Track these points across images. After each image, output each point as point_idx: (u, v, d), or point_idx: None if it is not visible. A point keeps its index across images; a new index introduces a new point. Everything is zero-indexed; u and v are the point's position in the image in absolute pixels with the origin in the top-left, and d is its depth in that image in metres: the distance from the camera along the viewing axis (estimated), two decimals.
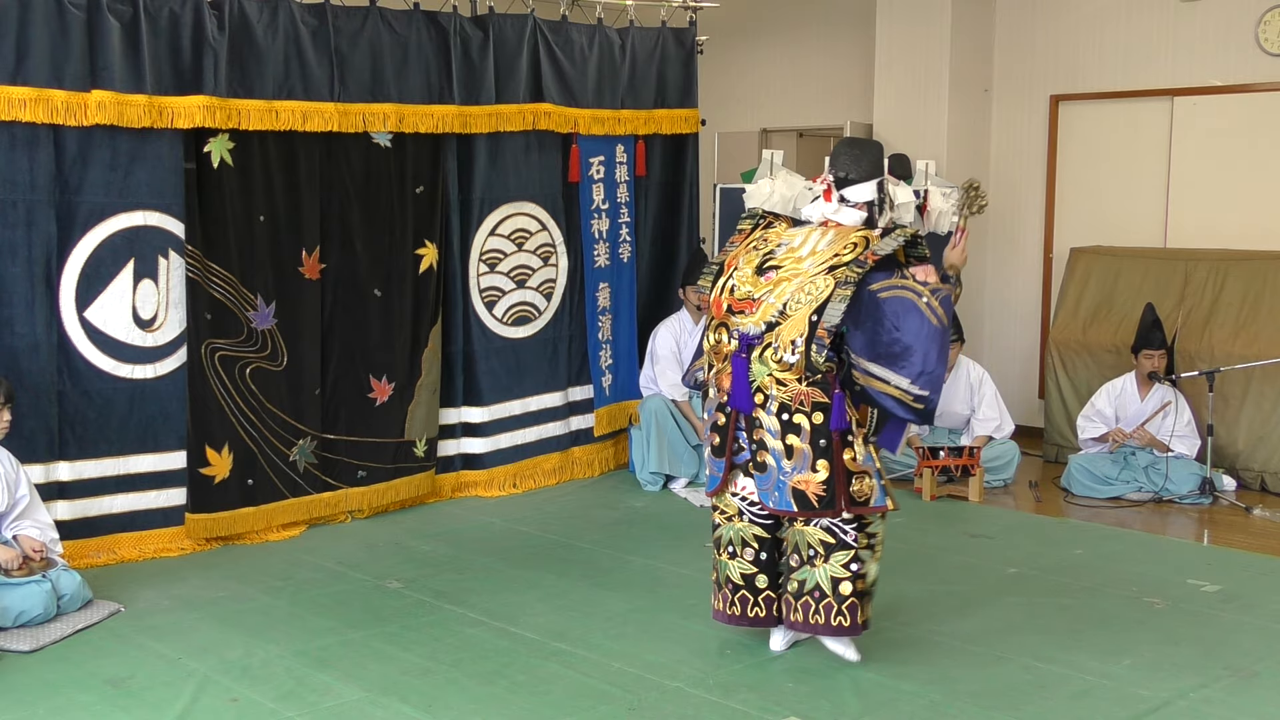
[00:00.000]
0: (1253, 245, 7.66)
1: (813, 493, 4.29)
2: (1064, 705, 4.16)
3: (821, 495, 4.29)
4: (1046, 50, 8.60)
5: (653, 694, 4.23)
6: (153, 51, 5.60)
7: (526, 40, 6.93)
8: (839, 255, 4.32)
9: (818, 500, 4.30)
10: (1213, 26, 7.90)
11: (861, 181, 4.53)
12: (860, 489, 4.32)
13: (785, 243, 4.50)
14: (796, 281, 4.32)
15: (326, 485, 6.34)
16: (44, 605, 4.77)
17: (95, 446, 5.66)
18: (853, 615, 4.39)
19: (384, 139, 6.43)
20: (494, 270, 7.01)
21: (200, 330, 5.81)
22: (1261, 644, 4.73)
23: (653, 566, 5.71)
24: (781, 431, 4.31)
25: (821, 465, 4.28)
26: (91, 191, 5.57)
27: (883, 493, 4.37)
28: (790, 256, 4.42)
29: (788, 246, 4.47)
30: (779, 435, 4.32)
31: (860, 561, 4.41)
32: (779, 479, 4.34)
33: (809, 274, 4.32)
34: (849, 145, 4.65)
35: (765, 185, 7.72)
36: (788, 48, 10.07)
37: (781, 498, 4.34)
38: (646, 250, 7.75)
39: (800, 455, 4.30)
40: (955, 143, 8.59)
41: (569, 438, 7.42)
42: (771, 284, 4.37)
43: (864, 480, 4.33)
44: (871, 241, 4.34)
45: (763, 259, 4.46)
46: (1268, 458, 7.18)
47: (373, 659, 4.53)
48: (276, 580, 5.46)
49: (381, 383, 6.53)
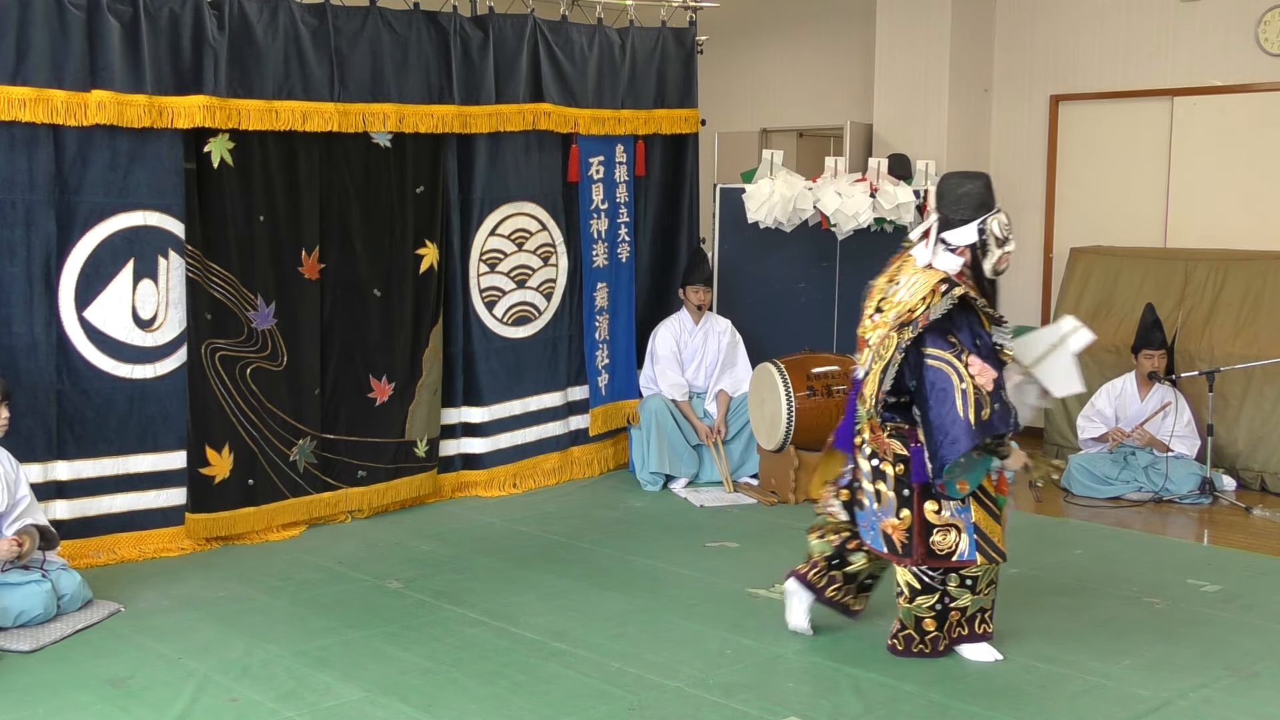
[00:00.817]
0: (1253, 245, 7.66)
1: (897, 539, 4.38)
2: (1064, 705, 4.16)
3: (905, 543, 4.37)
4: (1046, 50, 8.60)
5: (653, 694, 4.23)
6: (153, 51, 5.60)
7: (526, 40, 6.93)
8: (913, 310, 4.25)
9: (901, 547, 4.38)
10: (1213, 26, 7.90)
11: (963, 224, 4.32)
12: (941, 542, 4.33)
13: (899, 281, 4.43)
14: (878, 333, 4.34)
15: (326, 485, 6.34)
16: (44, 605, 4.77)
17: (94, 446, 5.66)
18: (934, 645, 4.50)
19: (384, 139, 6.43)
20: (494, 270, 7.01)
21: (200, 330, 5.81)
22: (1261, 644, 4.73)
23: (653, 566, 5.71)
24: (872, 476, 4.43)
25: (904, 514, 4.35)
26: (91, 191, 5.57)
27: (973, 547, 4.33)
28: (892, 300, 4.39)
29: (897, 287, 4.42)
30: (871, 479, 4.43)
31: (949, 598, 4.48)
32: (872, 519, 4.45)
33: (889, 326, 4.30)
34: (955, 182, 4.40)
35: (765, 185, 7.73)
36: (788, 47, 10.07)
37: (874, 537, 4.46)
38: (646, 250, 7.76)
39: (887, 501, 4.39)
40: (955, 143, 8.59)
41: (568, 437, 7.42)
42: (874, 328, 4.40)
43: (947, 534, 4.33)
44: (935, 298, 4.24)
45: (879, 299, 4.46)
46: (1268, 458, 7.18)
47: (373, 659, 4.53)
48: (277, 580, 5.46)
49: (382, 383, 6.53)
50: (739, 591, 5.31)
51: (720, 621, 4.93)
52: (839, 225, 7.77)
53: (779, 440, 6.79)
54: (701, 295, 7.37)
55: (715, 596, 5.25)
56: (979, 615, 4.53)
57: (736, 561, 5.79)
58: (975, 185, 4.36)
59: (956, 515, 4.33)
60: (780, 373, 6.79)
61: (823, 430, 6.79)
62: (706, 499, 6.94)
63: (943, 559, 4.35)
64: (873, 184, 7.76)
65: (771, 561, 5.75)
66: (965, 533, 4.33)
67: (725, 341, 7.41)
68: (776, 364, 6.87)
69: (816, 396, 6.78)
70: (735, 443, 7.33)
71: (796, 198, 7.69)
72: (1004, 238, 4.31)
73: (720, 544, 6.07)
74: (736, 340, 7.48)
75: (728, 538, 6.17)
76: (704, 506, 6.82)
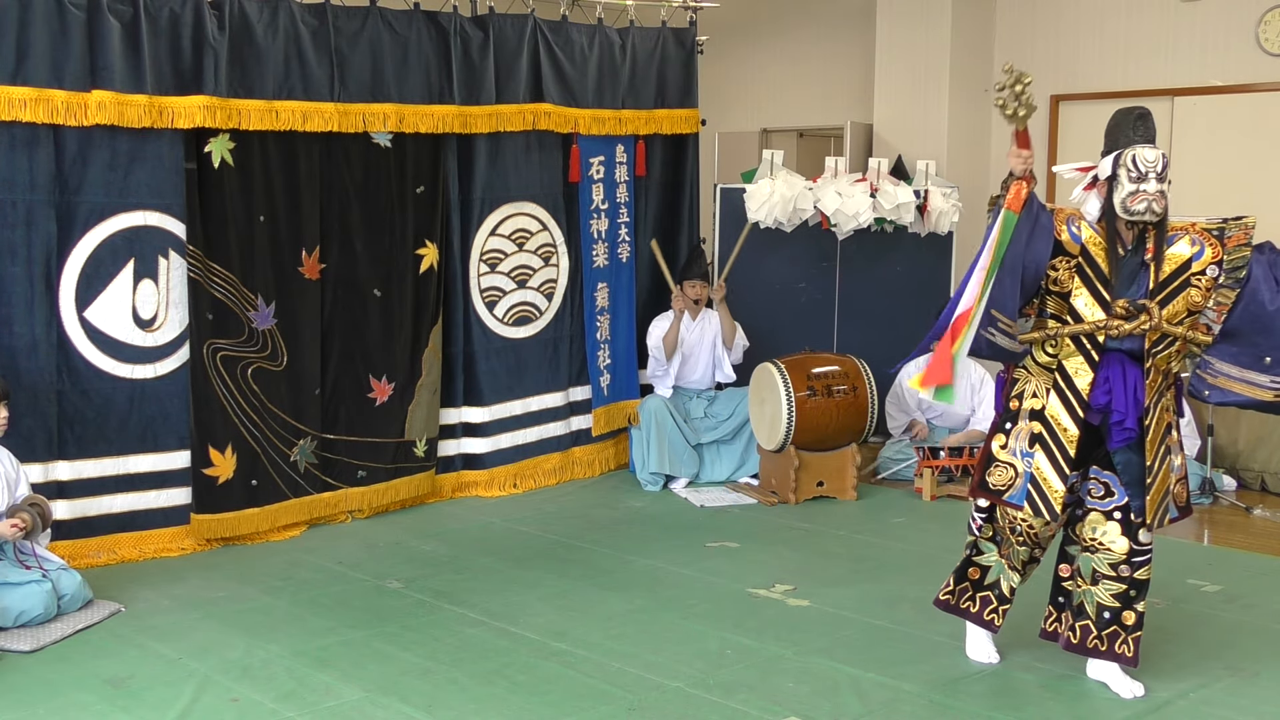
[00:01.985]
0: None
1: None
2: (1065, 705, 4.15)
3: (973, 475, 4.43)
4: (1046, 50, 8.60)
5: (653, 694, 4.23)
6: (153, 51, 5.60)
7: (527, 40, 6.93)
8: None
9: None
10: (1213, 26, 7.90)
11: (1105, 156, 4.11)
12: (997, 478, 4.28)
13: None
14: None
15: (327, 485, 6.34)
16: (44, 605, 4.77)
17: (95, 446, 5.66)
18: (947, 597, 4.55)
19: (384, 139, 6.43)
20: (494, 270, 7.01)
21: (202, 330, 5.82)
22: (1261, 644, 4.73)
23: (653, 566, 5.71)
24: None
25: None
26: (91, 191, 5.57)
27: (1023, 494, 4.22)
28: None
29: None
30: None
31: (976, 550, 4.48)
32: None
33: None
34: (1116, 115, 4.14)
35: (765, 185, 7.72)
36: (788, 48, 10.07)
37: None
38: (647, 250, 7.75)
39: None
40: (955, 143, 8.59)
41: (570, 438, 7.42)
42: None
43: (1005, 471, 4.26)
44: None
45: None
46: (1268, 458, 7.18)
47: (373, 659, 4.53)
48: (277, 580, 5.46)
49: (382, 383, 6.53)
50: (739, 591, 5.31)
51: (720, 621, 4.93)
52: (839, 225, 7.77)
53: (779, 440, 6.79)
54: (699, 290, 7.38)
55: (715, 596, 5.25)
56: (992, 594, 4.42)
57: (736, 561, 5.79)
58: (1125, 116, 4.09)
59: (1017, 456, 4.23)
60: (780, 373, 6.79)
61: (823, 430, 6.82)
62: (706, 499, 6.94)
63: (993, 494, 4.27)
64: (873, 184, 7.77)
65: (771, 561, 5.76)
66: (1022, 477, 4.21)
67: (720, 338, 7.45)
68: (777, 364, 6.87)
69: (817, 396, 6.78)
70: (735, 443, 7.33)
71: (797, 198, 7.69)
72: (1142, 173, 3.94)
73: (720, 544, 6.07)
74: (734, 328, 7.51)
75: (728, 538, 6.18)
76: (704, 506, 6.82)
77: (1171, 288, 4.07)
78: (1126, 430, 4.10)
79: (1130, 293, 4.07)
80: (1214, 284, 4.08)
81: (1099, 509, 4.21)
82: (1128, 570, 4.18)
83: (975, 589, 4.47)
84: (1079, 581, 4.26)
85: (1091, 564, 4.22)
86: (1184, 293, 4.07)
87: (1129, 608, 4.20)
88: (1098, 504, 4.22)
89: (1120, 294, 4.07)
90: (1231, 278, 4.07)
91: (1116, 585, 4.19)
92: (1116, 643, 4.21)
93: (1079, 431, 4.14)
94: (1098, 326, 4.07)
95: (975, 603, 4.47)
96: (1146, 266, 4.08)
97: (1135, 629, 4.21)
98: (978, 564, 4.47)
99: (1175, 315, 4.08)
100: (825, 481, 6.91)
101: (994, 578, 4.43)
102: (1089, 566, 4.23)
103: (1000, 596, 4.42)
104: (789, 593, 5.29)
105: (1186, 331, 4.09)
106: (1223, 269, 4.08)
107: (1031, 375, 4.24)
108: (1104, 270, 4.08)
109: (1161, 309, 4.05)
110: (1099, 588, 4.21)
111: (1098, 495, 4.22)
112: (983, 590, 4.45)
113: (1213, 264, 4.08)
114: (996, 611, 4.43)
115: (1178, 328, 4.08)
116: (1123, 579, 4.19)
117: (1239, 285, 4.05)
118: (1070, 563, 4.33)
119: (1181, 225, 4.14)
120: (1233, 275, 4.07)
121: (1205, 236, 4.12)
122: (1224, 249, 4.08)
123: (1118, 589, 4.19)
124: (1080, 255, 4.09)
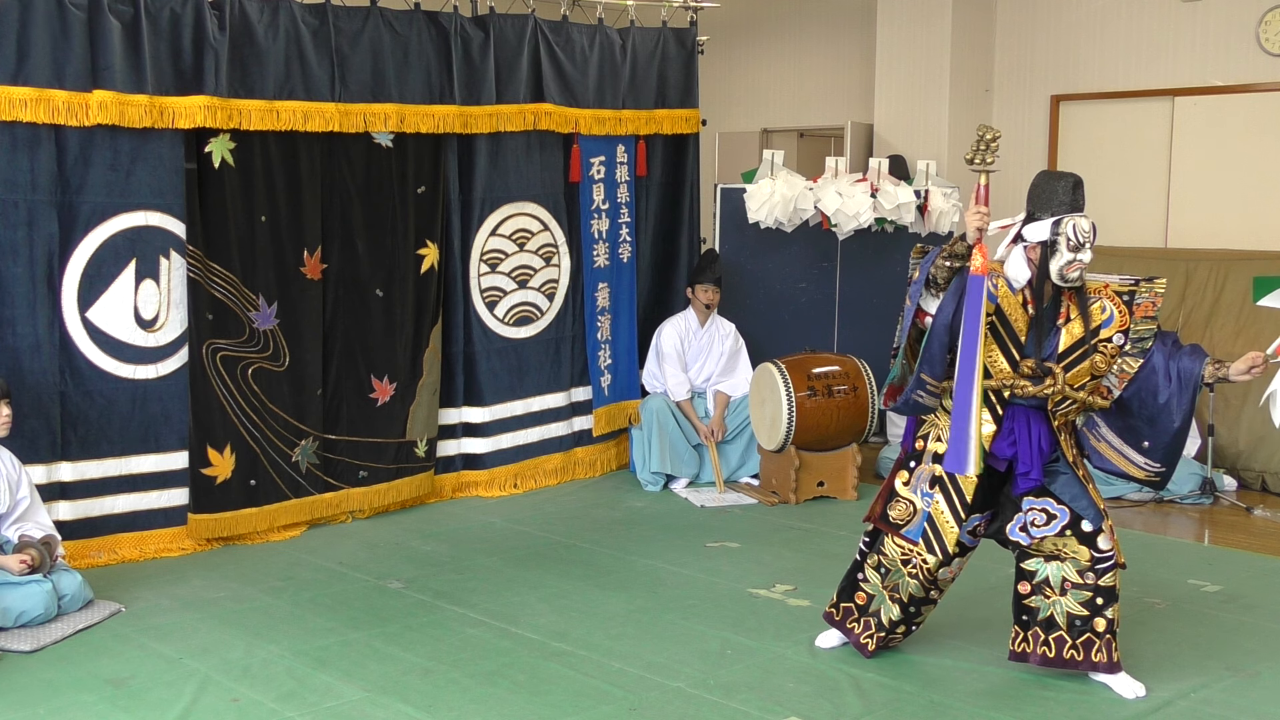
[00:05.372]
0: (1253, 245, 7.66)
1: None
2: (1065, 705, 4.16)
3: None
4: (1046, 50, 8.60)
5: (653, 694, 4.23)
6: (154, 51, 5.60)
7: (527, 40, 6.93)
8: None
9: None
10: (1213, 26, 7.90)
11: (1040, 221, 4.09)
12: (898, 513, 4.37)
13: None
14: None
15: (328, 485, 6.34)
16: (45, 605, 4.77)
17: (97, 447, 5.66)
18: (832, 611, 4.63)
19: (385, 139, 6.43)
20: (495, 270, 7.01)
21: (202, 330, 5.82)
22: (1261, 644, 4.73)
23: (653, 567, 5.71)
24: None
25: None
26: (93, 192, 5.57)
27: (919, 532, 4.31)
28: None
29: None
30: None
31: (861, 573, 4.55)
32: None
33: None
34: (1043, 179, 4.17)
35: (766, 185, 7.73)
36: (788, 48, 10.08)
37: None
38: (647, 250, 7.76)
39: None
40: (955, 143, 8.59)
41: (571, 438, 7.43)
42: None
43: (906, 507, 4.35)
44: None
45: None
46: (1268, 458, 7.18)
47: (373, 659, 4.54)
48: (277, 580, 5.46)
49: (383, 383, 6.53)
50: (739, 591, 5.32)
51: (720, 621, 4.93)
52: (840, 225, 7.77)
53: (779, 440, 6.79)
54: (711, 295, 7.35)
55: (715, 596, 5.26)
56: (872, 621, 4.47)
57: (737, 561, 5.79)
58: (1058, 181, 4.11)
59: (918, 495, 4.31)
60: (781, 373, 6.80)
61: (823, 430, 6.82)
62: (707, 499, 6.94)
63: (891, 527, 4.36)
64: (873, 184, 7.77)
65: (772, 561, 5.76)
66: (919, 515, 4.30)
67: (729, 345, 7.41)
68: (777, 364, 6.87)
69: (817, 396, 6.79)
70: (735, 443, 7.33)
71: (797, 198, 7.70)
72: (1080, 243, 4.01)
73: (720, 544, 6.08)
74: (740, 347, 7.47)
75: (728, 538, 6.18)
76: (704, 506, 6.82)
77: (1078, 353, 4.15)
78: (1031, 480, 4.20)
79: (1040, 353, 4.15)
80: (1119, 351, 4.16)
81: (1049, 534, 4.25)
82: (1093, 577, 4.22)
83: (860, 613, 4.54)
84: (1047, 592, 4.29)
85: (1061, 572, 4.26)
86: (1090, 358, 4.15)
87: (1098, 614, 4.23)
88: (1045, 530, 4.26)
89: (1028, 353, 4.15)
90: (1137, 348, 4.16)
91: (1084, 593, 4.23)
92: (1092, 650, 4.25)
93: (977, 479, 4.20)
94: (1003, 384, 4.16)
95: (859, 625, 4.53)
96: (1058, 330, 4.15)
97: (1107, 633, 4.25)
98: (864, 589, 4.52)
99: (1078, 379, 4.16)
100: (826, 481, 6.92)
101: (875, 606, 4.49)
102: (1058, 575, 4.27)
103: (879, 625, 4.49)
104: (789, 593, 5.30)
105: (1087, 397, 4.18)
106: (1129, 337, 4.16)
107: (939, 419, 4.30)
108: (1015, 330, 4.16)
109: (1066, 372, 4.13)
110: (1068, 597, 4.25)
111: (1042, 524, 4.26)
112: (866, 615, 4.52)
113: (1119, 332, 4.16)
114: (873, 638, 4.50)
115: (1079, 392, 4.16)
116: (1088, 586, 4.23)
117: (1143, 355, 4.15)
118: (1030, 579, 4.34)
119: (1095, 287, 4.21)
120: (1138, 345, 4.16)
121: (1115, 301, 4.19)
122: (1132, 318, 4.17)
123: (1085, 596, 4.23)
124: (995, 314, 4.14)
